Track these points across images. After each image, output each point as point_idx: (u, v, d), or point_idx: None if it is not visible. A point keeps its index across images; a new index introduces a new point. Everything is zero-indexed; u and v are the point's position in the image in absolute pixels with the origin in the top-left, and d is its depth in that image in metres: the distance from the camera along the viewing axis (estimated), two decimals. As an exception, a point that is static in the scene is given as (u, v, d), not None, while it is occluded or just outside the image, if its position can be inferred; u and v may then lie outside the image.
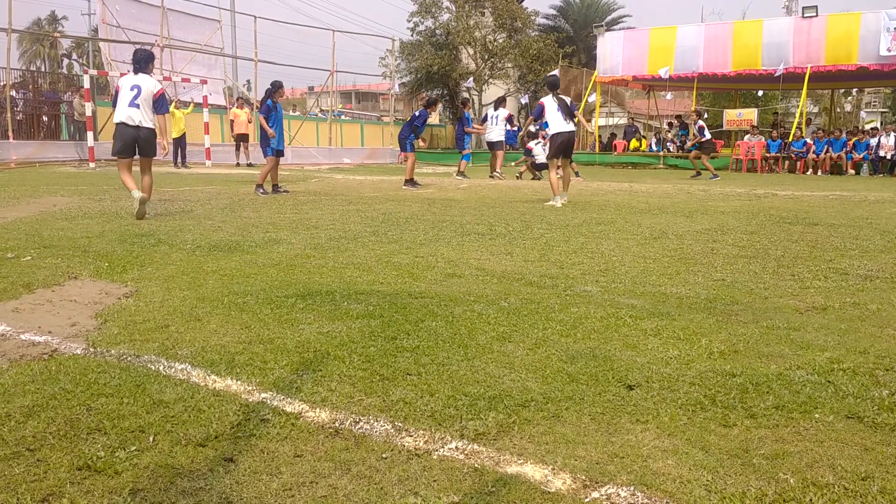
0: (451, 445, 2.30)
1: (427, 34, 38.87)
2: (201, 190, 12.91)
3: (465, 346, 3.34)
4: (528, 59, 37.42)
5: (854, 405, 2.63)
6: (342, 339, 3.42)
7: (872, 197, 12.82)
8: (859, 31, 24.01)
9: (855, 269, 5.39)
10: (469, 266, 5.44)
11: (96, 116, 21.23)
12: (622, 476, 2.10)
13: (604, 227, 7.99)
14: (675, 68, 27.21)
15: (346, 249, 6.17)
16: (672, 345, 3.38)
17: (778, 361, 3.14)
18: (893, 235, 7.31)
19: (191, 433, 2.38)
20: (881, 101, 57.92)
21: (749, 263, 5.65)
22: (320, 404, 2.63)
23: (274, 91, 12.21)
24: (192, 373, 2.96)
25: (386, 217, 8.72)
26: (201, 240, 6.58)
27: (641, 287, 4.74)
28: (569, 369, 3.02)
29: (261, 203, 10.47)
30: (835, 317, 3.98)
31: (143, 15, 26.57)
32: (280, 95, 12.32)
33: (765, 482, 2.06)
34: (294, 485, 2.05)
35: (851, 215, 9.38)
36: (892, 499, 1.96)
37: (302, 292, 4.39)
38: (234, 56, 32.44)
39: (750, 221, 8.59)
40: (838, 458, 2.21)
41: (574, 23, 46.11)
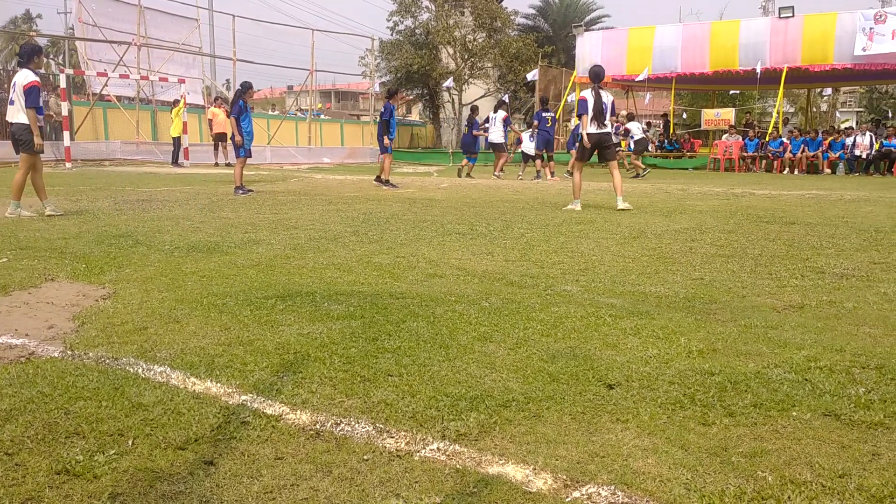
0: (432, 446, 2.30)
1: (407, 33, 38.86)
2: (180, 190, 12.81)
3: (446, 346, 3.34)
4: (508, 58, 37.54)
5: (831, 403, 2.66)
6: (323, 340, 3.41)
7: (848, 196, 12.97)
8: (835, 32, 24.29)
9: (831, 268, 5.45)
10: (450, 266, 5.45)
11: (72, 116, 21.04)
12: (603, 475, 2.11)
13: (583, 226, 8.03)
14: (653, 68, 27.38)
15: (326, 250, 6.15)
16: (651, 344, 3.40)
17: (756, 360, 3.17)
18: (869, 234, 7.41)
19: (170, 436, 2.36)
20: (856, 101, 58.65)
21: (727, 262, 5.70)
22: (301, 406, 2.62)
23: (244, 92, 12.14)
24: (172, 375, 2.94)
25: (366, 217, 8.70)
26: (180, 241, 6.53)
27: (621, 286, 4.77)
28: (549, 369, 3.03)
29: (240, 203, 10.42)
30: (812, 315, 4.02)
31: (119, 13, 26.34)
32: (250, 96, 12.26)
33: (743, 480, 2.08)
34: (275, 487, 2.05)
35: (828, 214, 9.49)
36: (868, 496, 1.98)
37: (282, 293, 4.37)
38: (213, 55, 32.28)
39: (728, 220, 8.66)
40: (816, 455, 2.24)
41: (553, 23, 46.30)
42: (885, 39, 23.34)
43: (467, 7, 38.20)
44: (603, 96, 10.36)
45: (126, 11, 26.39)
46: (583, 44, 29.51)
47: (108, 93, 25.67)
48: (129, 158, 23.37)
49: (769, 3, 42.90)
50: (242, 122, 12.01)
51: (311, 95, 34.29)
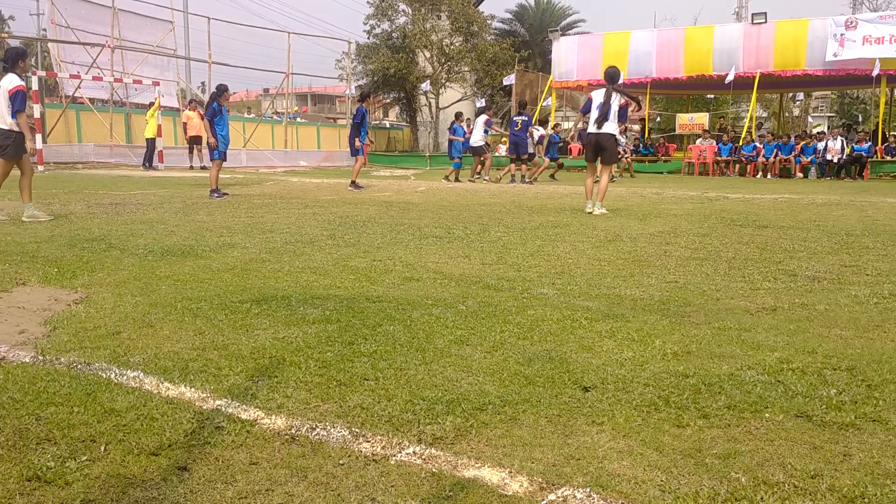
0: (408, 450, 2.30)
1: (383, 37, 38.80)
2: (154, 193, 12.70)
3: (422, 350, 3.33)
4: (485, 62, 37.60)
5: (803, 404, 2.69)
6: (298, 344, 3.39)
7: (820, 199, 13.14)
8: (807, 38, 24.62)
9: (803, 271, 5.52)
10: (427, 269, 5.44)
11: (45, 119, 20.76)
12: (578, 478, 2.12)
13: (560, 230, 8.06)
14: (628, 73, 27.54)
15: (302, 253, 6.12)
16: (626, 346, 3.42)
17: (729, 362, 3.20)
18: (840, 237, 7.51)
19: (143, 442, 2.34)
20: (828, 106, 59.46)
21: (701, 265, 5.75)
22: (276, 411, 2.61)
23: (219, 94, 12.07)
24: (145, 380, 2.91)
25: (343, 220, 8.68)
26: (154, 244, 6.47)
27: (596, 289, 4.79)
28: (526, 372, 3.04)
29: (215, 207, 10.34)
30: (784, 317, 4.07)
31: (93, 15, 26.04)
32: (226, 99, 12.19)
33: (717, 481, 2.10)
34: (250, 493, 2.03)
35: (800, 218, 9.61)
36: (840, 496, 2.01)
37: (257, 297, 4.34)
38: (188, 58, 32.00)
39: (702, 224, 8.74)
40: (788, 456, 2.26)
41: (530, 27, 46.51)
42: (855, 45, 23.69)
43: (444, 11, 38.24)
44: (614, 98, 9.98)
45: (99, 13, 26.10)
46: (558, 48, 29.66)
47: (82, 95, 25.37)
48: (102, 161, 23.11)
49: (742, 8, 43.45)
50: (217, 125, 11.96)
51: (287, 98, 34.16)
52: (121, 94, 26.68)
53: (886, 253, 6.45)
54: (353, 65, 37.78)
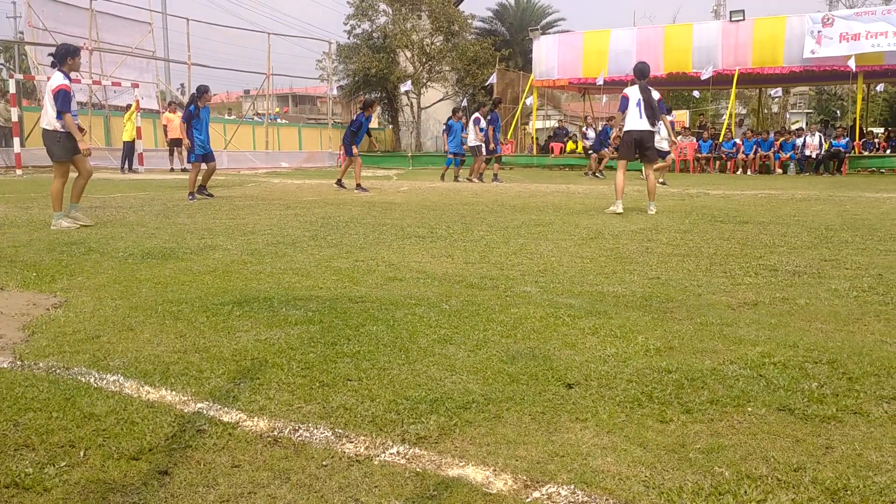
0: (392, 450, 2.29)
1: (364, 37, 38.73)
2: (134, 196, 12.60)
3: (406, 349, 3.32)
4: (466, 62, 37.63)
5: (785, 398, 2.70)
6: (280, 346, 3.37)
7: (799, 195, 13.25)
8: (784, 35, 24.84)
9: (784, 266, 5.56)
10: (410, 269, 5.43)
11: (23, 122, 20.53)
12: (562, 475, 2.12)
13: (542, 228, 8.07)
14: (608, 71, 27.67)
15: (284, 255, 6.09)
16: (609, 343, 3.43)
17: (712, 357, 3.21)
18: (819, 232, 7.57)
19: (123, 446, 2.31)
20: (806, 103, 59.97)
21: (683, 261, 5.77)
22: (258, 413, 2.58)
23: (199, 96, 11.99)
24: (125, 384, 2.88)
25: (325, 221, 8.64)
26: (134, 247, 6.42)
27: (579, 286, 4.80)
28: (509, 370, 3.03)
29: (196, 209, 10.27)
30: (765, 312, 4.09)
31: (70, 17, 25.80)
32: (205, 101, 12.10)
33: (701, 476, 2.10)
34: (232, 496, 2.01)
35: (780, 213, 9.68)
36: (823, 489, 2.01)
37: (239, 299, 4.31)
38: (167, 59, 31.81)
39: (683, 220, 8.78)
40: (771, 450, 2.27)
41: (510, 26, 46.53)
42: (832, 43, 23.92)
43: (424, 11, 38.23)
44: (652, 93, 9.74)
45: (77, 15, 25.87)
46: (539, 47, 29.72)
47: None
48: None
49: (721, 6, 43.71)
50: (194, 128, 11.88)
51: (267, 99, 34.00)
52: (99, 96, 26.46)
53: (865, 247, 6.51)
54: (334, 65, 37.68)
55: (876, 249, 6.36)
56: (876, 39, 23.36)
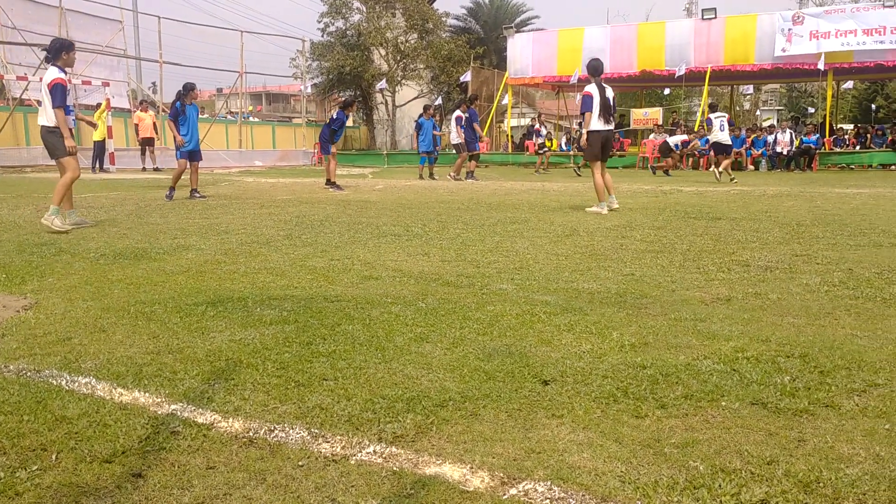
0: (368, 450, 2.28)
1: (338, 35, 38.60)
2: (105, 196, 12.46)
3: (382, 348, 3.31)
4: (441, 60, 37.65)
5: (758, 392, 2.73)
6: (255, 346, 3.34)
7: (771, 191, 13.40)
8: (755, 33, 25.12)
9: (756, 261, 5.61)
10: (386, 268, 5.42)
11: (-10, 121, 20.22)
12: (539, 471, 2.12)
13: (518, 225, 8.09)
14: (583, 69, 27.72)
15: (258, 254, 6.05)
16: (585, 339, 3.44)
17: (686, 352, 3.23)
18: (791, 227, 7.66)
19: (96, 449, 2.28)
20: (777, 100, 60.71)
21: (657, 258, 5.81)
22: (233, 414, 2.56)
23: (185, 94, 11.92)
24: (97, 386, 2.84)
25: (299, 220, 8.60)
26: (106, 248, 6.34)
27: (555, 283, 4.82)
28: (486, 367, 3.04)
29: (168, 208, 10.17)
30: (738, 307, 4.13)
31: (39, 16, 25.42)
32: (192, 98, 12.03)
33: (676, 470, 2.12)
34: (207, 497, 1.99)
35: (752, 209, 9.78)
36: (796, 481, 2.04)
37: (212, 299, 4.28)
38: (138, 58, 31.45)
39: (657, 217, 8.85)
40: (745, 443, 2.29)
41: (484, 24, 46.61)
42: (802, 40, 24.24)
43: (398, 9, 38.18)
44: (607, 91, 9.85)
45: (46, 13, 25.49)
46: (513, 45, 29.78)
47: (30, 97, 24.75)
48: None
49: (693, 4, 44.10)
50: (180, 125, 11.80)
51: (241, 98, 33.77)
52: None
53: (836, 242, 6.60)
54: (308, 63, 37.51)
55: (846, 244, 6.45)
56: (845, 38, 23.70)
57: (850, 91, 42.99)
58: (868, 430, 2.38)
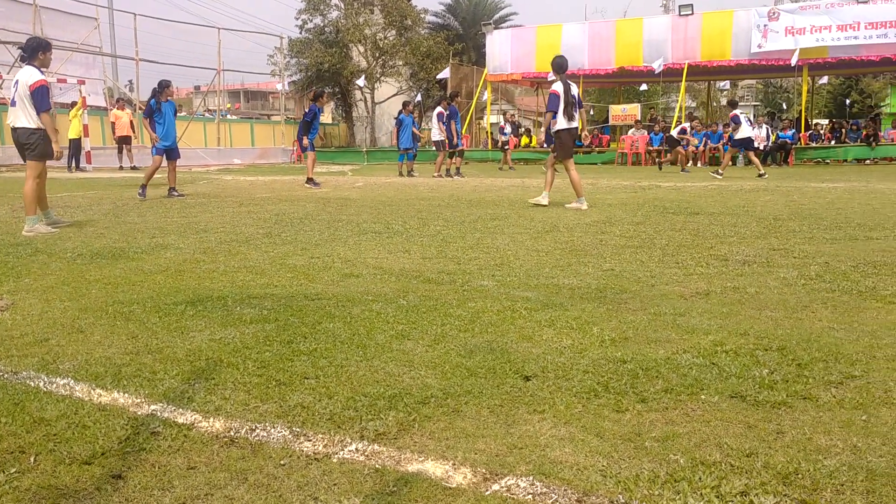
0: (351, 447, 2.28)
1: (316, 32, 38.44)
2: (82, 195, 12.33)
3: (363, 346, 3.31)
4: (419, 56, 37.60)
5: (737, 385, 2.75)
6: (235, 345, 3.33)
7: (748, 186, 13.51)
8: (732, 29, 25.30)
9: (734, 255, 5.66)
10: (366, 265, 5.41)
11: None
12: (521, 467, 2.13)
13: (498, 222, 8.10)
14: (561, 66, 27.81)
15: (237, 253, 6.01)
16: (566, 334, 3.46)
17: (665, 346, 3.26)
18: (768, 222, 7.73)
19: (75, 451, 2.26)
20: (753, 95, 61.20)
21: (636, 253, 5.85)
22: (214, 413, 2.55)
23: (160, 91, 11.81)
24: (76, 388, 2.81)
25: (279, 218, 8.56)
26: (83, 247, 6.28)
27: (535, 279, 4.83)
28: (467, 364, 3.04)
29: (146, 207, 10.09)
30: (717, 301, 4.17)
31: (13, 13, 25.04)
32: (167, 95, 11.91)
33: (657, 464, 2.13)
34: (188, 498, 1.98)
35: (729, 204, 9.86)
36: (775, 473, 2.06)
37: (192, 299, 4.25)
38: (114, 55, 31.10)
39: (636, 213, 8.89)
40: (724, 436, 2.31)
41: (463, 21, 46.58)
42: (778, 36, 24.44)
43: (377, 5, 38.08)
44: (572, 88, 9.84)
45: (20, 10, 25.13)
46: (492, 42, 29.79)
47: (3, 96, 24.42)
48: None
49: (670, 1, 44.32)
50: (157, 122, 11.68)
51: (218, 95, 33.52)
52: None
53: (812, 235, 6.67)
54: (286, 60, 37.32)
55: (822, 238, 6.52)
56: (820, 34, 23.93)
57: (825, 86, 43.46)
58: (845, 421, 2.41)
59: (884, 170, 19.26)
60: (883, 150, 23.58)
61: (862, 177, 16.10)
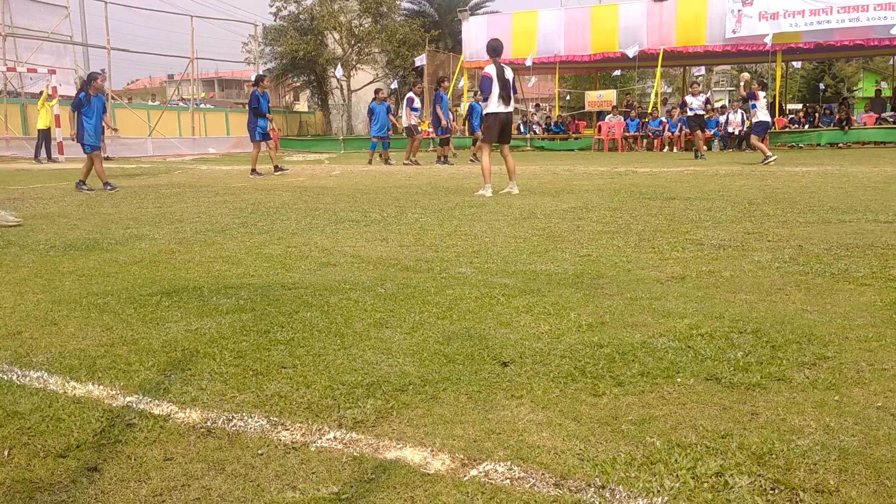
0: (329, 436, 2.27)
1: (291, 19, 38.11)
2: (55, 186, 12.17)
3: (341, 334, 3.30)
4: (395, 43, 37.41)
5: (712, 367, 2.78)
6: (212, 335, 3.30)
7: (723, 171, 13.61)
8: (706, 15, 25.40)
9: (709, 240, 5.71)
10: (344, 254, 5.39)
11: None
12: (499, 452, 2.14)
13: (476, 209, 8.10)
14: (537, 52, 27.85)
15: (213, 243, 5.97)
16: (543, 320, 3.47)
17: (642, 330, 3.28)
18: (743, 206, 7.80)
19: (50, 444, 2.24)
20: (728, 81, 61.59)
21: (612, 238, 5.87)
22: (190, 404, 2.53)
23: (88, 83, 11.52)
24: (50, 380, 2.78)
25: (255, 207, 8.50)
26: (56, 239, 6.20)
27: (513, 266, 4.84)
28: (445, 350, 3.04)
29: (120, 198, 9.98)
30: (692, 285, 4.20)
31: (-20, 2, 24.65)
32: (96, 88, 11.50)
33: (633, 447, 2.15)
34: (165, 489, 1.97)
35: (705, 189, 9.93)
36: (749, 453, 2.08)
37: (167, 289, 4.21)
38: (85, 44, 30.64)
39: (612, 198, 8.93)
40: (700, 418, 2.34)
41: (439, 7, 46.36)
42: (752, 21, 24.58)
43: (352, -8, 37.83)
44: (506, 72, 9.66)
45: (-13, -1, 24.73)
46: (468, 28, 29.70)
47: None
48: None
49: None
50: (85, 116, 11.34)
51: (192, 84, 33.18)
52: (15, 83, 25.38)
53: (786, 219, 6.74)
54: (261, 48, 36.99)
55: (796, 222, 6.59)
56: (794, 18, 24.09)
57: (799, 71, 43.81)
58: (818, 401, 2.44)
59: (856, 153, 19.47)
60: (855, 133, 23.82)
61: (835, 160, 16.27)
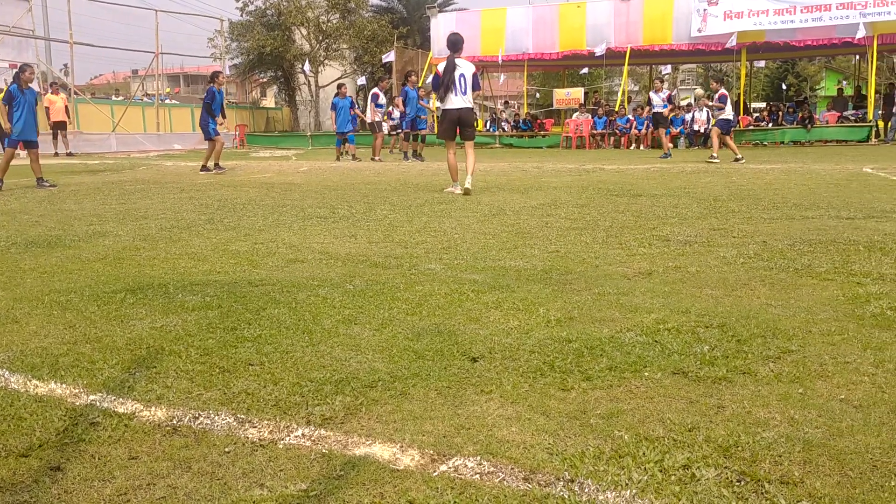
0: (297, 433, 2.25)
1: (258, 14, 37.78)
2: (15, 182, 11.94)
3: (309, 331, 3.28)
4: (364, 40, 37.25)
5: (679, 361, 2.80)
6: (177, 332, 3.26)
7: (689, 168, 13.77)
8: (673, 13, 25.64)
9: (675, 236, 5.76)
10: (312, 250, 5.35)
11: None
12: (469, 447, 2.14)
13: (445, 205, 8.10)
14: (506, 49, 27.91)
15: (178, 239, 5.89)
16: (512, 316, 3.48)
17: (610, 325, 3.30)
18: (708, 203, 7.89)
19: (11, 444, 2.19)
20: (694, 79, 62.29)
21: (580, 235, 5.91)
22: (156, 402, 2.50)
23: (18, 75, 11.32)
24: (11, 379, 2.73)
25: (221, 204, 8.41)
26: (17, 236, 6.08)
27: (482, 262, 4.85)
28: (415, 346, 3.04)
29: (83, 194, 9.81)
30: (659, 280, 4.24)
31: (-61, -6, 24.06)
32: (25, 81, 11.26)
33: (602, 440, 2.16)
34: (129, 488, 1.94)
35: (671, 186, 10.03)
36: (716, 446, 2.10)
37: (132, 286, 4.15)
38: (47, 38, 30.07)
39: (580, 195, 8.98)
40: (667, 412, 2.36)
41: (407, 3, 46.23)
42: (717, 20, 24.86)
43: (319, -13, 37.58)
44: (461, 67, 9.31)
45: (-54, -8, 24.16)
46: (437, 25, 29.66)
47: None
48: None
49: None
50: (15, 110, 11.12)
51: (157, 79, 32.74)
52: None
53: (751, 215, 6.83)
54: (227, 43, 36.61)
55: (760, 218, 6.68)
56: (758, 17, 24.40)
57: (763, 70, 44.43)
58: (783, 394, 2.48)
59: (819, 151, 19.80)
60: (818, 132, 24.22)
61: (798, 158, 16.54)
